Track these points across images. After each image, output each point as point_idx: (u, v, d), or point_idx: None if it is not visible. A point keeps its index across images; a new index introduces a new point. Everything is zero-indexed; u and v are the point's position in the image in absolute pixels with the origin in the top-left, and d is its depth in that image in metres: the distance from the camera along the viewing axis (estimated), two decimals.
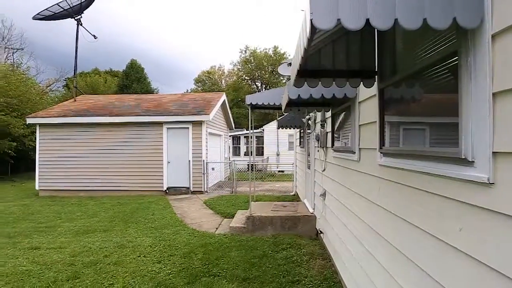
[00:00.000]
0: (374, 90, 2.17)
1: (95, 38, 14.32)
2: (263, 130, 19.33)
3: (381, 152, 2.06)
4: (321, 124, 4.52)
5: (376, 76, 2.06)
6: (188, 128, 9.22)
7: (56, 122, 9.59)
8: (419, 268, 1.51)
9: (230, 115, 13.65)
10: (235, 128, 16.33)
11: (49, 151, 9.67)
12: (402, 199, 1.78)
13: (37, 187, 9.62)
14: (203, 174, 9.16)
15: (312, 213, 5.26)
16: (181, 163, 9.19)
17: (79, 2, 12.91)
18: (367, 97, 2.42)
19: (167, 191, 9.13)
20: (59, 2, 12.64)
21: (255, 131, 20.90)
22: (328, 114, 4.20)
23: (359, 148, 2.69)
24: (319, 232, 4.66)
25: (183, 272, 3.53)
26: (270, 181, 12.81)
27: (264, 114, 35.42)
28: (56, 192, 9.47)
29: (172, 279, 3.37)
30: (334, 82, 2.09)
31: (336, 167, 3.69)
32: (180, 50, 67.61)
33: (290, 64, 7.84)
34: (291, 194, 8.90)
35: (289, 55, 39.47)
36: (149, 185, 9.23)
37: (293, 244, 4.49)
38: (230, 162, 10.55)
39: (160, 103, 10.86)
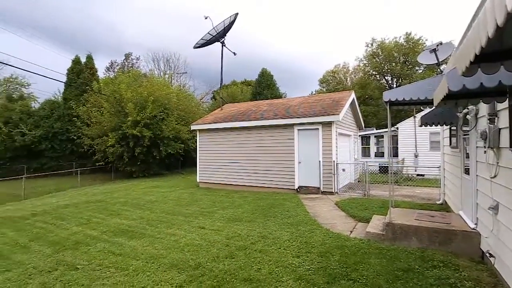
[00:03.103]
0: None
1: (234, 54, 16.83)
2: (397, 128, 17.14)
3: None
4: (488, 119, 3.59)
5: None
6: (317, 129, 9.35)
7: (209, 128, 11.85)
8: None
9: (360, 114, 12.87)
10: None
11: (205, 151, 12.08)
12: None
13: (197, 180, 12.19)
14: (333, 175, 9.05)
15: (473, 229, 4.25)
16: (311, 164, 9.44)
17: (223, 27, 15.50)
18: None
19: (298, 190, 9.56)
20: (209, 31, 15.61)
21: (384, 130, 18.86)
22: (502, 105, 3.29)
23: None
24: (487, 254, 3.70)
25: (321, 271, 3.63)
26: (408, 185, 11.20)
27: (397, 111, 31.32)
28: (210, 185, 11.72)
29: (311, 275, 3.53)
30: None
31: None
32: (302, 53, 69.33)
33: (433, 51, 6.65)
34: (438, 202, 7.49)
35: (426, 40, 33.36)
36: (282, 184, 9.95)
37: (448, 263, 3.77)
38: (362, 163, 9.95)
39: (289, 106, 11.52)
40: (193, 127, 12.60)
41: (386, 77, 38.37)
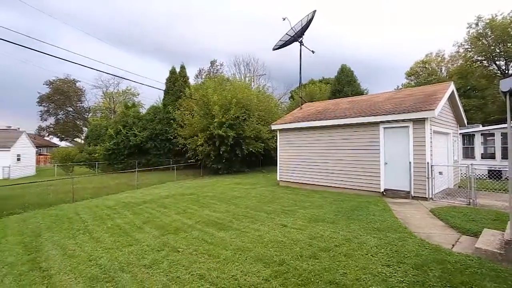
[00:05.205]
0: None
1: (313, 53, 16.56)
2: None
3: None
4: None
5: None
6: (407, 127, 8.40)
7: (289, 127, 11.99)
8: None
9: (461, 108, 10.98)
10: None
11: (284, 150, 12.30)
12: None
13: (278, 178, 12.51)
14: (427, 178, 7.98)
15: None
16: (399, 165, 8.55)
17: (301, 26, 15.43)
18: None
19: (384, 193, 8.80)
20: (287, 32, 15.76)
21: (495, 127, 15.50)
22: None
23: None
24: None
25: (418, 286, 3.28)
26: None
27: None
28: (290, 183, 11.87)
29: None
30: None
31: None
32: (385, 45, 62.91)
33: None
34: None
35: None
36: (365, 185, 9.33)
37: None
38: (465, 166, 8.48)
39: (373, 103, 10.69)
40: (273, 127, 12.96)
41: (497, 62, 31.52)
